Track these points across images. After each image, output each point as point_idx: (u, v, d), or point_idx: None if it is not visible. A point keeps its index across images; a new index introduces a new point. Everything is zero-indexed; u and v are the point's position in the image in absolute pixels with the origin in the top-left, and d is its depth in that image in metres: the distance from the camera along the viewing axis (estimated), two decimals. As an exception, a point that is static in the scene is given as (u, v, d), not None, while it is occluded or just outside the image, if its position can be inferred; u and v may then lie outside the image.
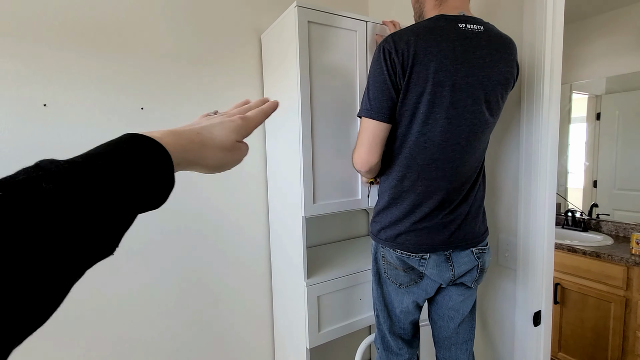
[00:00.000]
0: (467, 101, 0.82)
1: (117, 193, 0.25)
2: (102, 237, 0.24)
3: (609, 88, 2.18)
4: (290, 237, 1.30)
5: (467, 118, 0.83)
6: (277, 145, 1.38)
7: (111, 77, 1.17)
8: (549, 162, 1.02)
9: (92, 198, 0.23)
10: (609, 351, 1.79)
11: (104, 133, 1.17)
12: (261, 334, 1.55)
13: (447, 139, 0.84)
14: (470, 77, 0.80)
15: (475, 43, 0.81)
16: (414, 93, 0.82)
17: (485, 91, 0.82)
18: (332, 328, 1.26)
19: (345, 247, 1.62)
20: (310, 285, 1.20)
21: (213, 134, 0.36)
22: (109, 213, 0.24)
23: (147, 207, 0.28)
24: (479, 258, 0.94)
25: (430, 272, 0.93)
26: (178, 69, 1.29)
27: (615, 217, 2.15)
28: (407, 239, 0.92)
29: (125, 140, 0.28)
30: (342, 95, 1.24)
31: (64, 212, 0.21)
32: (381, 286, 1.05)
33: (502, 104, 0.89)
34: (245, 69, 1.43)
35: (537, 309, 1.07)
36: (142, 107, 1.23)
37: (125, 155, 0.26)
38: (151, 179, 0.27)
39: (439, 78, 0.80)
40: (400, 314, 1.01)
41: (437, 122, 0.83)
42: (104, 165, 0.25)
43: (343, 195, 1.27)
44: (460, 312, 0.99)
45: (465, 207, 0.91)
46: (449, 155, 0.85)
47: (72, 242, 0.21)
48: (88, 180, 0.23)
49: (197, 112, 1.33)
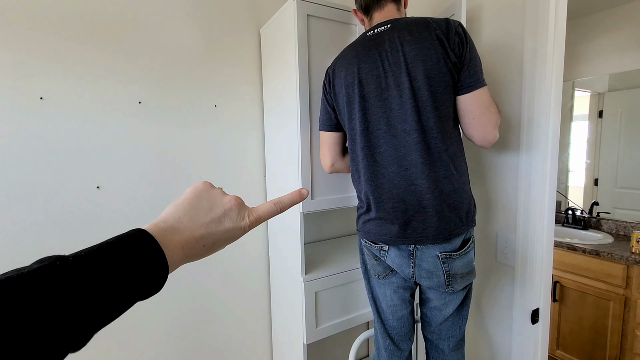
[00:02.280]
0: (376, 91, 0.89)
1: (108, 290, 0.26)
2: (79, 330, 0.25)
3: (612, 85, 2.16)
4: (288, 233, 1.30)
5: (380, 105, 0.89)
6: (275, 142, 1.37)
7: (109, 71, 1.16)
8: (550, 159, 1.00)
9: (83, 295, 0.25)
10: (607, 349, 1.79)
11: (101, 126, 1.16)
12: (259, 329, 1.56)
13: (366, 127, 0.92)
14: (375, 70, 0.89)
15: (378, 41, 0.89)
16: (339, 99, 0.98)
17: (395, 76, 0.86)
18: (329, 324, 1.26)
19: (344, 243, 1.61)
20: (307, 282, 1.20)
21: (218, 241, 0.36)
22: (94, 307, 0.25)
23: (132, 301, 0.29)
24: (444, 263, 0.87)
25: (391, 263, 0.93)
26: (176, 63, 1.28)
27: (615, 215, 2.14)
28: (369, 227, 0.95)
29: (130, 239, 0.30)
30: (341, 90, 1.23)
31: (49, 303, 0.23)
32: (368, 279, 1.06)
33: (432, 79, 0.83)
34: (244, 63, 1.42)
35: (535, 306, 1.07)
36: (140, 101, 1.22)
37: (122, 260, 0.28)
38: (144, 279, 0.29)
39: (347, 80, 0.93)
40: (387, 308, 1.01)
41: (356, 115, 0.93)
42: (101, 263, 0.27)
43: (341, 191, 1.26)
44: (443, 312, 0.96)
45: (416, 196, 0.85)
46: (373, 142, 0.91)
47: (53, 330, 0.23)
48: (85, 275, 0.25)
49: (195, 107, 1.32)
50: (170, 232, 0.32)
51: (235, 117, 1.42)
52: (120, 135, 1.20)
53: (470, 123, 0.87)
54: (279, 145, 1.34)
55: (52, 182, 1.10)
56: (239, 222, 0.37)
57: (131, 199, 1.23)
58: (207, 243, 0.34)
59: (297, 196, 0.41)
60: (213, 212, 0.36)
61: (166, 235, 0.31)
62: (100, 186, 1.18)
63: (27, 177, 1.07)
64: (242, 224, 0.37)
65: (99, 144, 1.17)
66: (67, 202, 1.13)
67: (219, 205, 0.36)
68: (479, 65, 0.85)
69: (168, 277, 0.31)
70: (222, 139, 1.39)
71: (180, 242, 0.32)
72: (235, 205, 0.37)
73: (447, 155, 0.85)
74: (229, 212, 0.36)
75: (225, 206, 0.36)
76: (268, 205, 0.39)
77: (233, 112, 1.41)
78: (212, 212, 0.35)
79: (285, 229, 1.33)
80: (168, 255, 0.30)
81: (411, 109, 0.84)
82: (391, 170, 0.89)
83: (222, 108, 1.39)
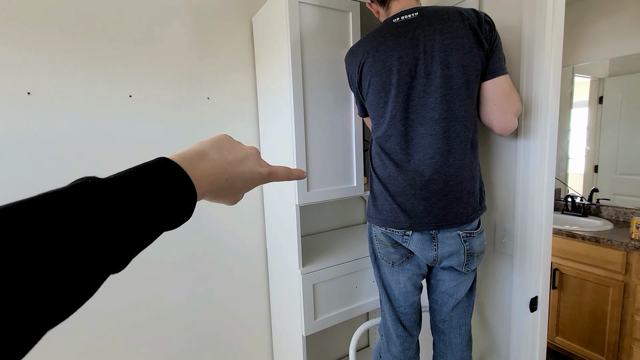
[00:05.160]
0: (405, 79, 0.88)
1: (141, 211, 0.26)
2: (118, 250, 0.25)
3: (613, 70, 2.13)
4: (284, 226, 1.28)
5: (409, 94, 0.89)
6: (270, 133, 1.35)
7: (98, 64, 1.14)
8: (548, 145, 0.99)
9: (118, 212, 0.25)
10: (606, 335, 1.80)
11: (91, 122, 1.14)
12: (258, 321, 1.56)
13: (393, 115, 0.91)
14: (405, 57, 0.88)
15: (407, 28, 0.88)
16: (364, 86, 0.97)
17: (426, 64, 0.86)
18: (328, 316, 1.26)
19: (341, 235, 1.60)
20: (305, 274, 1.19)
21: (239, 180, 0.37)
22: (128, 227, 0.25)
23: (163, 228, 0.29)
24: (465, 242, 0.92)
25: (414, 248, 0.95)
26: (167, 55, 1.25)
27: (615, 201, 2.13)
28: (388, 215, 0.95)
29: (160, 165, 0.30)
30: (336, 79, 1.20)
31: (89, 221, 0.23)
32: (378, 268, 1.06)
33: (467, 67, 0.85)
34: (237, 53, 1.39)
35: (534, 295, 1.06)
36: (131, 95, 1.20)
37: (153, 182, 0.28)
38: (174, 205, 0.29)
39: (375, 68, 0.92)
40: (400, 295, 1.02)
41: (382, 103, 0.93)
42: (133, 183, 0.27)
43: (338, 182, 1.25)
44: (454, 296, 0.99)
45: (439, 184, 0.88)
46: (399, 130, 0.91)
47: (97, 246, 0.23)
48: (116, 197, 0.25)
49: (188, 99, 1.30)
50: (197, 161, 0.33)
51: (228, 109, 1.39)
52: (111, 130, 1.18)
53: (491, 110, 0.90)
54: (274, 137, 1.32)
55: (41, 180, 1.09)
56: (258, 167, 0.39)
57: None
58: (230, 177, 0.36)
59: (302, 174, 0.44)
60: (236, 152, 0.37)
61: (192, 163, 0.32)
62: (93, 182, 1.16)
63: (15, 176, 1.05)
64: (261, 170, 0.39)
65: (89, 140, 1.15)
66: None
67: (241, 149, 0.38)
68: (503, 52, 0.89)
69: (195, 206, 0.31)
70: (215, 130, 1.37)
71: (207, 170, 0.33)
72: (255, 153, 0.39)
73: (471, 143, 0.90)
74: (250, 156, 0.38)
75: (247, 151, 0.39)
76: (281, 167, 0.42)
77: (226, 104, 1.39)
78: (235, 153, 0.37)
79: (281, 222, 1.32)
80: (195, 180, 0.31)
81: (441, 97, 0.86)
82: (417, 158, 0.90)
83: (215, 100, 1.36)
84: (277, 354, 1.55)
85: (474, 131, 0.91)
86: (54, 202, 0.22)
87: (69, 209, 0.22)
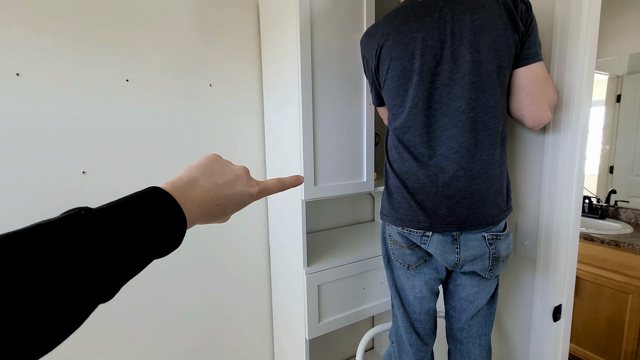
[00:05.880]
0: (429, 64, 0.80)
1: (131, 242, 0.27)
2: (108, 280, 0.25)
3: (632, 67, 2.03)
4: (289, 222, 1.21)
5: (432, 80, 0.81)
6: (276, 123, 1.27)
7: (92, 45, 1.06)
8: (579, 138, 0.90)
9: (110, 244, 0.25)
10: (623, 343, 1.71)
11: (85, 106, 1.07)
12: (260, 323, 1.48)
13: (415, 104, 0.83)
14: (430, 40, 0.79)
15: (432, 7, 0.80)
16: (381, 72, 0.89)
17: (453, 48, 0.78)
18: (333, 318, 1.19)
19: (348, 233, 1.53)
20: (310, 274, 1.11)
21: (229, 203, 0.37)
22: (119, 258, 0.26)
23: (153, 257, 0.29)
24: (491, 245, 0.83)
25: (433, 251, 0.86)
26: (167, 38, 1.17)
27: (632, 204, 2.03)
28: (406, 213, 0.87)
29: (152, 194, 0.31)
30: (348, 66, 1.12)
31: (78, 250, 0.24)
32: (391, 270, 0.98)
33: (499, 52, 0.76)
34: (242, 39, 1.31)
35: (558, 303, 0.98)
36: (127, 79, 1.12)
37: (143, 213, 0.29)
38: (164, 234, 0.29)
39: (395, 52, 0.83)
40: (414, 300, 0.94)
41: (403, 91, 0.85)
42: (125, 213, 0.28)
43: (347, 177, 1.17)
44: (475, 304, 0.91)
45: (465, 182, 0.80)
46: (420, 121, 0.83)
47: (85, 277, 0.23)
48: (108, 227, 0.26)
49: (188, 85, 1.22)
50: (187, 189, 0.33)
51: (232, 97, 1.31)
52: (105, 116, 1.10)
53: (523, 101, 0.81)
54: (279, 127, 1.24)
55: (34, 167, 1.02)
56: (248, 187, 0.39)
57: (120, 185, 1.14)
58: (220, 203, 0.36)
59: (296, 181, 0.44)
60: (225, 175, 0.38)
61: (183, 192, 0.33)
62: (87, 171, 1.09)
63: (6, 162, 0.98)
64: (251, 190, 0.39)
65: (83, 125, 1.07)
66: (51, 188, 1.05)
67: (230, 170, 0.38)
68: (539, 37, 0.79)
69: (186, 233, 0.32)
70: (218, 120, 1.29)
71: (197, 198, 0.34)
72: (245, 173, 0.40)
73: (500, 137, 0.81)
74: (239, 177, 0.38)
75: (236, 172, 0.39)
76: (273, 180, 0.42)
77: (229, 92, 1.31)
78: (225, 176, 0.38)
79: (285, 218, 1.24)
80: (185, 210, 0.31)
81: (469, 85, 0.77)
82: (439, 152, 0.82)
83: (218, 87, 1.28)
84: (279, 358, 1.48)
85: (503, 124, 0.82)
86: (46, 233, 0.23)
87: (61, 241, 0.23)
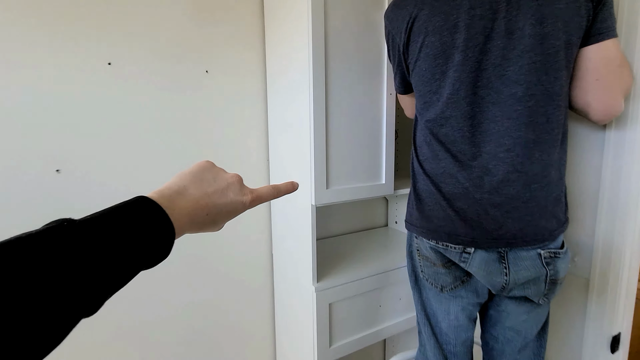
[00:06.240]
0: (477, 39, 0.65)
1: (116, 255, 0.26)
2: (91, 294, 0.24)
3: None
4: (296, 231, 1.05)
5: (480, 60, 0.65)
6: (282, 117, 1.12)
7: (69, 23, 0.91)
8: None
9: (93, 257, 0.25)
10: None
11: (61, 93, 0.91)
12: (261, 349, 1.33)
13: (456, 90, 0.68)
14: (478, 9, 0.64)
15: None
16: (411, 50, 0.74)
17: (508, 19, 0.63)
18: (345, 341, 1.03)
19: (360, 240, 1.37)
20: (320, 291, 0.96)
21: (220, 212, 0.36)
22: (103, 271, 0.25)
23: (139, 269, 0.28)
24: (548, 265, 0.68)
25: (475, 271, 0.71)
26: (153, 17, 1.01)
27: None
28: (440, 224, 0.71)
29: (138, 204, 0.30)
30: (365, 51, 0.97)
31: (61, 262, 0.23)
32: (419, 291, 0.83)
33: (568, 24, 0.60)
34: (243, 19, 1.15)
35: (617, 331, 0.83)
36: (110, 62, 0.96)
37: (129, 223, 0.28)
38: (151, 246, 0.29)
39: (432, 24, 0.69)
40: (448, 329, 0.78)
41: (440, 73, 0.70)
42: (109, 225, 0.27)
43: (363, 179, 1.02)
44: (523, 334, 0.75)
45: (518, 187, 0.66)
46: (463, 111, 0.68)
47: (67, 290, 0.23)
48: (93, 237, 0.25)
49: (180, 70, 1.06)
50: (176, 198, 0.32)
51: (231, 85, 1.15)
52: (84, 105, 0.95)
53: (590, 87, 0.65)
54: (285, 122, 1.08)
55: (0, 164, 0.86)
56: (240, 196, 0.38)
57: (99, 187, 0.98)
58: (210, 212, 0.35)
59: (291, 187, 0.43)
60: (217, 184, 0.37)
61: (172, 201, 0.32)
62: (61, 169, 0.94)
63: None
64: (243, 199, 0.38)
65: (58, 116, 0.92)
66: (18, 189, 0.89)
67: (222, 179, 0.38)
68: (613, 9, 0.62)
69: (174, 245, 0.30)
70: (215, 112, 1.14)
71: (186, 207, 0.33)
72: (237, 181, 0.39)
73: (563, 131, 0.66)
74: (231, 185, 0.38)
75: (228, 180, 0.38)
76: (267, 187, 0.41)
77: (228, 80, 1.15)
78: (216, 184, 0.37)
79: (292, 226, 1.08)
80: (174, 219, 0.31)
81: (528, 65, 0.62)
82: (486, 150, 0.67)
83: (215, 74, 1.12)
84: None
85: (566, 115, 0.67)
86: (26, 247, 0.22)
87: (41, 255, 0.22)
